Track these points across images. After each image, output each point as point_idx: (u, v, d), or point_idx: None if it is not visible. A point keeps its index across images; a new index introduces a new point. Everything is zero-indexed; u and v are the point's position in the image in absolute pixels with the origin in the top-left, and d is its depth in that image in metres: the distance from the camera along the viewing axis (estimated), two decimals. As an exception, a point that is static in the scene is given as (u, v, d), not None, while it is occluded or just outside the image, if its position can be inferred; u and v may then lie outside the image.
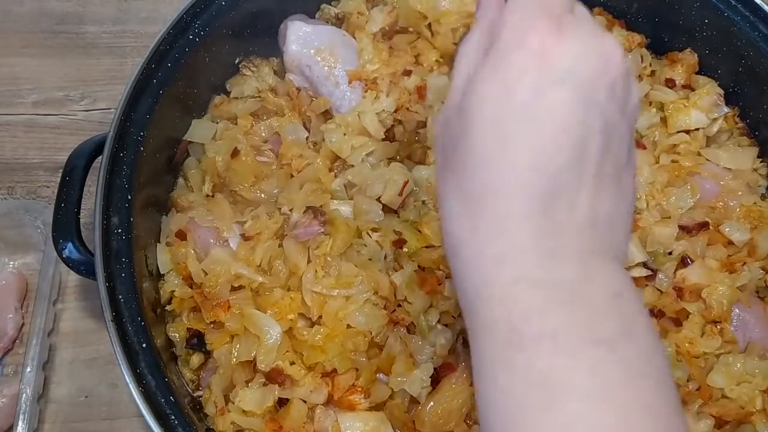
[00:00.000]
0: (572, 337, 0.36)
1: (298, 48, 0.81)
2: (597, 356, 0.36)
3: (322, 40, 0.81)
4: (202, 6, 0.77)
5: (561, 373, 0.36)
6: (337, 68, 0.80)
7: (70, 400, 0.79)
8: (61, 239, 0.66)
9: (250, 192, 0.75)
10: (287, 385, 0.66)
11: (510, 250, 0.38)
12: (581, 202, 0.38)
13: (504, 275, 0.38)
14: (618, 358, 0.36)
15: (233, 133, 0.79)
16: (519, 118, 0.38)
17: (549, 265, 0.38)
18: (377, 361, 0.67)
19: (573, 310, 0.37)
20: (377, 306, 0.68)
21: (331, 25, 0.86)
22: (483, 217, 0.39)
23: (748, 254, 0.73)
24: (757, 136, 0.81)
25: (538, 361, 0.36)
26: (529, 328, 0.37)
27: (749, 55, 0.78)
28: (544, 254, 0.38)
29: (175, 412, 0.60)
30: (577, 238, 0.38)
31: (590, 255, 0.39)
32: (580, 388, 0.35)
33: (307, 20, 0.84)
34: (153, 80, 0.72)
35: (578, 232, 0.38)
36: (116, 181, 0.67)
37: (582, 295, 0.37)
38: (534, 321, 0.37)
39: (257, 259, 0.71)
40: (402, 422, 0.65)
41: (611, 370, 0.36)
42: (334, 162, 0.78)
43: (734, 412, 0.66)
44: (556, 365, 0.36)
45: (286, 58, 0.82)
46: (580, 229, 0.38)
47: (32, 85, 0.99)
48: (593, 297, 0.38)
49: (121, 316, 0.62)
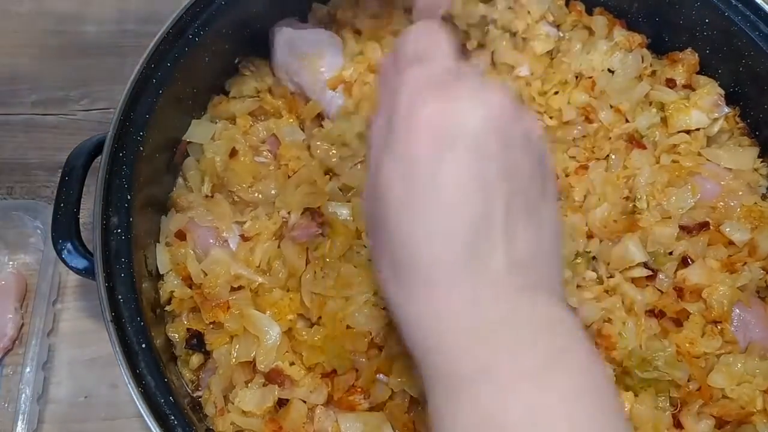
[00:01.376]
0: (503, 371, 0.38)
1: (285, 55, 0.81)
2: (529, 388, 0.38)
3: (309, 45, 0.81)
4: (202, 6, 0.76)
5: (499, 409, 0.37)
6: (323, 73, 0.80)
7: (70, 401, 0.79)
8: (61, 239, 0.66)
9: (248, 193, 0.75)
10: (287, 386, 0.65)
11: (441, 309, 0.40)
12: (497, 252, 0.40)
13: (439, 328, 0.40)
14: (550, 386, 0.38)
15: (232, 133, 0.79)
16: (423, 191, 0.40)
17: (474, 312, 0.40)
18: (377, 362, 0.67)
19: (498, 346, 0.39)
20: (377, 306, 0.68)
21: (323, 26, 0.86)
22: (413, 284, 0.41)
23: (748, 254, 0.73)
24: (758, 136, 0.81)
25: (479, 400, 0.38)
26: (464, 368, 0.39)
27: (750, 55, 0.78)
28: (469, 304, 0.40)
29: (174, 412, 0.60)
30: (499, 283, 0.40)
31: (516, 293, 0.41)
32: (518, 424, 0.37)
33: (295, 25, 0.83)
34: (152, 80, 0.72)
35: (499, 278, 0.40)
36: (116, 181, 0.67)
37: (507, 330, 0.39)
38: (466, 362, 0.39)
39: (256, 260, 0.71)
40: (402, 422, 0.65)
41: (545, 400, 0.37)
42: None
43: (735, 412, 0.66)
44: (494, 401, 0.38)
45: (275, 65, 0.82)
46: (501, 274, 0.40)
47: (32, 84, 0.99)
48: (519, 331, 0.40)
49: (120, 316, 0.62)
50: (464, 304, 0.40)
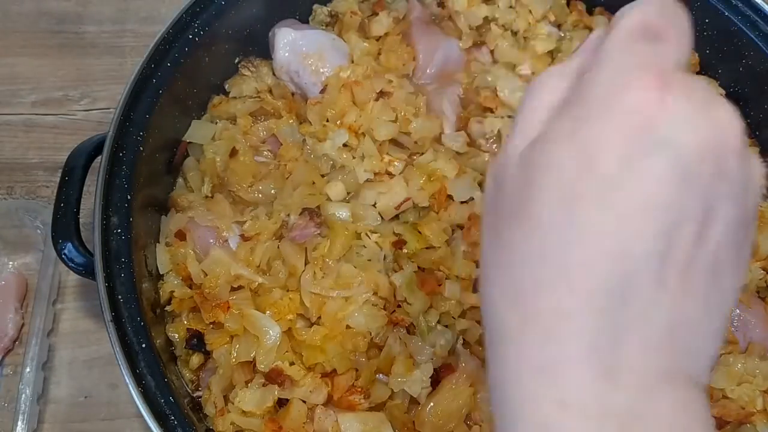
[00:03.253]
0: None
1: (286, 54, 0.81)
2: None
3: (311, 45, 0.81)
4: (202, 6, 0.77)
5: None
6: (324, 74, 0.80)
7: (70, 401, 0.79)
8: (61, 239, 0.66)
9: (248, 193, 0.75)
10: (287, 386, 0.65)
11: (561, 360, 0.31)
12: (658, 308, 0.30)
13: (550, 393, 0.31)
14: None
15: (232, 133, 0.79)
16: (596, 194, 0.30)
17: (602, 389, 0.30)
18: (377, 362, 0.67)
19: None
20: (377, 307, 0.68)
21: (324, 28, 0.86)
22: (537, 311, 0.31)
23: (748, 254, 0.73)
24: (758, 136, 0.81)
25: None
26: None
27: (749, 55, 0.78)
28: (599, 374, 0.30)
29: (174, 412, 0.60)
30: (643, 355, 0.31)
31: (656, 379, 0.31)
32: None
33: (296, 25, 0.84)
34: (152, 80, 0.72)
35: (646, 348, 0.31)
36: (116, 181, 0.67)
37: (639, 426, 0.30)
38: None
39: (256, 260, 0.71)
40: (402, 423, 0.65)
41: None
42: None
43: (735, 412, 0.66)
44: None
45: (276, 65, 0.82)
46: (650, 344, 0.31)
47: (31, 84, 0.99)
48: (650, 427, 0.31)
49: (120, 316, 0.62)
50: (593, 369, 0.30)
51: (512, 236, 0.33)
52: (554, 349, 0.31)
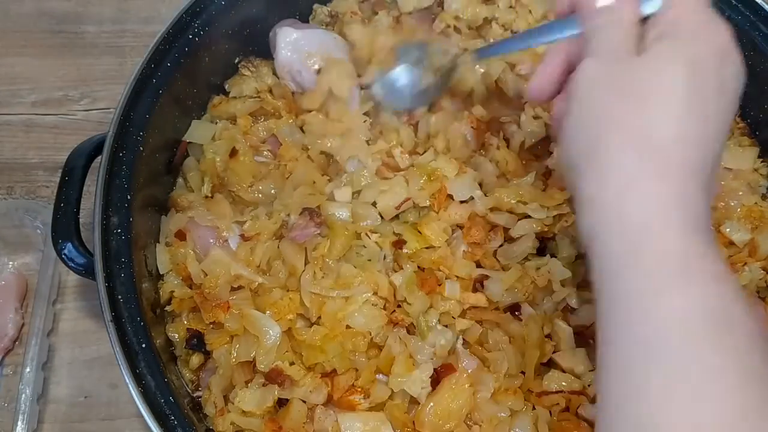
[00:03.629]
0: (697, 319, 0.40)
1: (288, 54, 0.81)
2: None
3: (312, 44, 0.81)
4: (202, 6, 0.77)
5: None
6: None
7: (70, 401, 0.79)
8: (61, 239, 0.66)
9: (248, 193, 0.75)
10: (287, 386, 0.65)
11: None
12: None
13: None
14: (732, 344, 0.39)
15: (232, 133, 0.79)
16: (705, 82, 0.51)
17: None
18: (377, 362, 0.67)
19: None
20: (376, 306, 0.68)
21: (324, 27, 0.86)
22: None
23: (748, 254, 0.73)
24: (758, 136, 0.81)
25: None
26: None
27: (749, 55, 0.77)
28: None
29: (174, 412, 0.60)
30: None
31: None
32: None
33: (296, 25, 0.84)
34: (152, 80, 0.72)
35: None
36: (116, 181, 0.67)
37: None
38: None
39: (256, 260, 0.71)
40: (402, 422, 0.65)
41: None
42: (327, 167, 0.78)
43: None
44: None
45: (277, 65, 0.82)
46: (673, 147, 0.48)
47: (31, 84, 0.99)
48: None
49: (120, 316, 0.62)
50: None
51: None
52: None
